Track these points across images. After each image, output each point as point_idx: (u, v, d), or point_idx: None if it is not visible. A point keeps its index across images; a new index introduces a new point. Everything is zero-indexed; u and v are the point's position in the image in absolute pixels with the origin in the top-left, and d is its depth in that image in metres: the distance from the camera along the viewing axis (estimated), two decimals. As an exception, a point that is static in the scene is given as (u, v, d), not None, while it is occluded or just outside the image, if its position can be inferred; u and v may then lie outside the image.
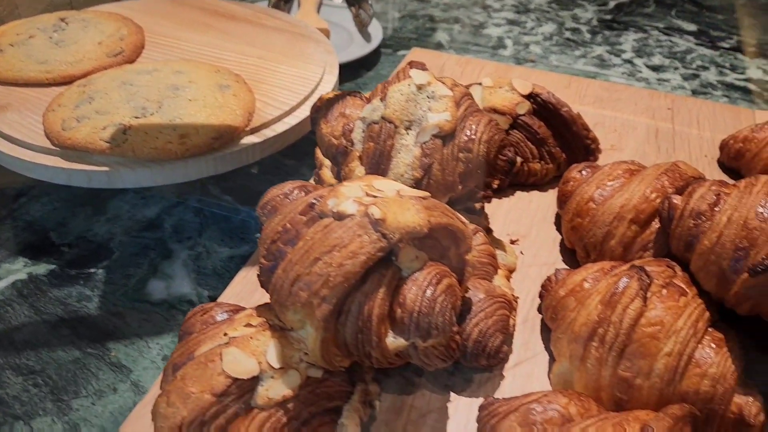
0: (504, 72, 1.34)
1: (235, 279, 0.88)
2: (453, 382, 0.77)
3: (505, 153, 0.85)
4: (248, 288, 0.87)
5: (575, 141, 1.04)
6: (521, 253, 0.93)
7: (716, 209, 0.73)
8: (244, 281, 0.88)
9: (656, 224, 0.84)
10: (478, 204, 0.95)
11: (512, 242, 0.95)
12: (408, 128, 0.81)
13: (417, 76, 0.82)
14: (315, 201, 0.66)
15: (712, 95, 1.45)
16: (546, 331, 0.82)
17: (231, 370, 0.63)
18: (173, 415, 0.62)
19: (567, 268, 0.82)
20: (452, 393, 0.76)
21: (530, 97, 1.03)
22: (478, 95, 1.03)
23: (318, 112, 0.88)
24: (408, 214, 0.63)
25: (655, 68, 1.54)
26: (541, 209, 1.01)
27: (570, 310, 0.75)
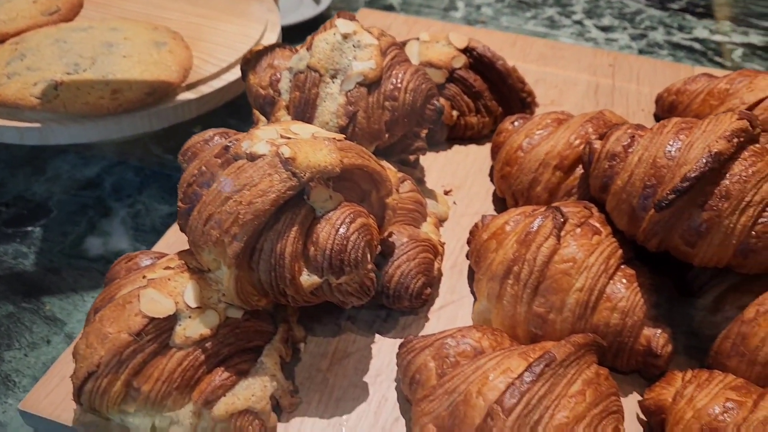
0: (450, 31, 1.34)
1: (168, 231, 0.89)
2: (379, 325, 0.78)
3: (433, 102, 0.86)
4: (182, 239, 0.87)
5: (511, 94, 1.05)
6: (454, 204, 0.95)
7: (630, 150, 0.75)
8: (178, 233, 0.88)
9: (580, 170, 0.85)
10: (413, 156, 0.96)
11: (446, 193, 0.96)
12: (333, 77, 0.82)
13: (342, 26, 0.83)
14: (230, 144, 0.67)
15: (658, 54, 1.47)
16: (473, 276, 0.84)
17: (148, 310, 0.64)
18: (91, 355, 0.63)
19: (494, 214, 0.84)
20: (377, 335, 0.77)
21: (466, 51, 1.04)
22: (415, 50, 1.04)
23: (247, 65, 0.88)
24: (320, 154, 0.64)
25: (605, 29, 1.56)
26: (477, 162, 1.03)
27: (491, 252, 0.77)
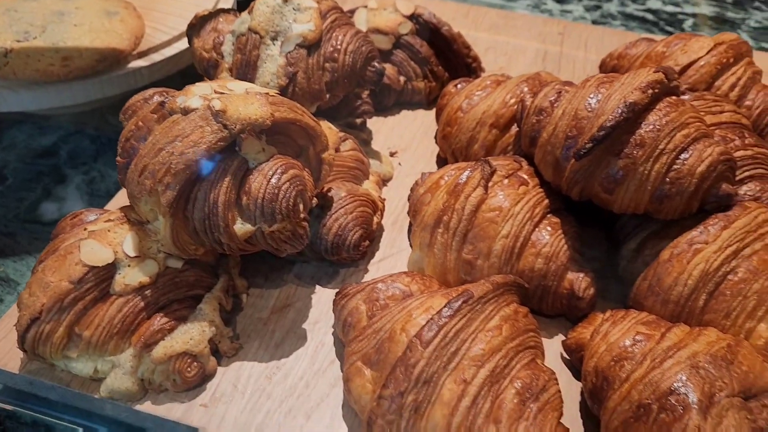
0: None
1: (119, 193, 0.91)
2: (320, 276, 0.82)
3: (374, 64, 0.89)
4: (131, 201, 0.90)
5: (457, 59, 1.08)
6: (399, 164, 0.98)
7: (555, 105, 0.78)
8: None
9: (516, 128, 0.89)
10: (359, 119, 0.99)
11: (392, 155, 0.99)
12: (274, 39, 0.84)
13: (282, -11, 0.85)
14: (165, 99, 0.70)
15: (611, 24, 1.50)
16: (413, 231, 0.88)
17: (87, 260, 0.67)
18: (33, 303, 0.66)
19: (433, 172, 0.87)
20: (318, 286, 0.81)
21: (413, 18, 1.06)
22: (363, 17, 1.06)
23: (192, 29, 0.90)
24: (251, 108, 0.67)
25: (561, 0, 1.59)
26: (424, 126, 1.06)
27: (425, 204, 0.80)
